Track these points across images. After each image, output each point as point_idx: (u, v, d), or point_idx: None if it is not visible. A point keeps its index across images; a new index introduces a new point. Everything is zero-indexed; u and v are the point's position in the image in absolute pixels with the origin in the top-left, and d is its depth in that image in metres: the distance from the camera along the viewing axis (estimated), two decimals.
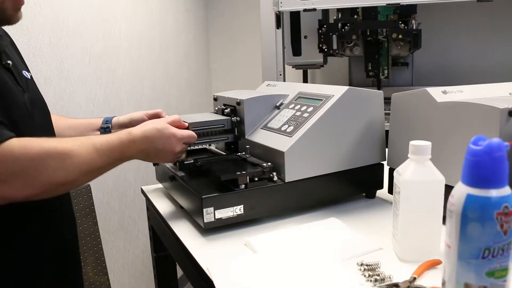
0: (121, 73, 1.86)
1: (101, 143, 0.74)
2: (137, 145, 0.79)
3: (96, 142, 0.73)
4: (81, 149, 0.71)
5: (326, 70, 2.39)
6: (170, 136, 0.83)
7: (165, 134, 0.82)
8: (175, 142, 0.84)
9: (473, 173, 0.48)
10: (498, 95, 0.88)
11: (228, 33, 2.78)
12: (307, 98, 0.99)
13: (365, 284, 0.64)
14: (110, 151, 0.75)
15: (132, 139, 0.78)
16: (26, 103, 0.78)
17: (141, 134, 0.80)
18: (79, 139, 0.73)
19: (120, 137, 0.77)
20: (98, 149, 0.73)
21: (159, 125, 0.83)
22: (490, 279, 0.48)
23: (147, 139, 0.80)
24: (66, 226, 0.89)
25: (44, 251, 0.80)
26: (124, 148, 0.77)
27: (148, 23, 2.09)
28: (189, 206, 0.90)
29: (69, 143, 0.70)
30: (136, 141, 0.79)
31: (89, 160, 0.71)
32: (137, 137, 0.79)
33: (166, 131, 0.83)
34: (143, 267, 2.02)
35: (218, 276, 0.68)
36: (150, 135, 0.81)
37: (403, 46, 1.82)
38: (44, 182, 0.67)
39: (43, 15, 1.42)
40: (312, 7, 1.72)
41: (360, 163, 0.96)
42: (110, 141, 0.75)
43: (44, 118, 0.87)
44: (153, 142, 0.81)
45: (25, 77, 0.84)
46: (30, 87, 0.83)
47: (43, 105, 0.87)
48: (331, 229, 0.83)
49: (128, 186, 1.91)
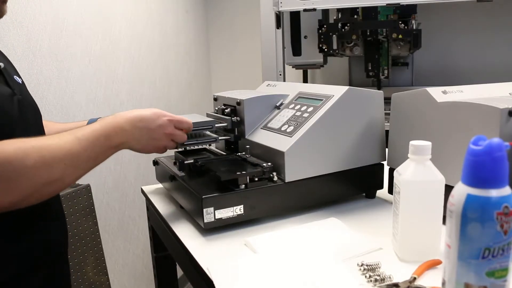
0: (121, 73, 1.86)
1: (83, 133, 0.70)
2: (124, 131, 0.75)
3: (77, 133, 0.70)
4: (61, 141, 0.67)
5: (326, 70, 2.40)
6: (155, 128, 0.80)
7: (160, 120, 0.80)
8: (161, 135, 0.81)
9: (473, 173, 0.48)
10: (498, 95, 0.88)
11: (228, 33, 2.78)
12: (307, 98, 0.99)
13: (365, 285, 0.63)
14: (95, 139, 0.71)
15: (119, 121, 0.75)
16: (16, 106, 0.75)
17: (126, 120, 0.76)
18: (58, 134, 0.69)
19: (105, 122, 0.73)
20: (80, 138, 0.69)
21: (155, 110, 0.81)
22: (490, 279, 0.48)
23: (133, 127, 0.77)
24: (53, 230, 0.85)
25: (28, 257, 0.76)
26: (110, 134, 0.73)
27: (148, 23, 2.09)
28: (189, 206, 0.90)
29: (48, 139, 0.67)
30: (123, 128, 0.75)
31: (71, 152, 0.67)
32: (122, 123, 0.75)
33: (155, 121, 0.80)
34: (143, 267, 2.02)
35: (218, 276, 0.68)
36: (137, 123, 0.77)
37: (403, 46, 1.82)
38: (27, 184, 0.62)
39: (43, 15, 1.42)
40: (312, 7, 1.72)
41: (360, 163, 0.96)
42: (93, 128, 0.72)
43: (36, 122, 0.85)
44: (140, 130, 0.78)
45: (17, 82, 0.82)
46: (22, 91, 0.81)
47: (34, 109, 0.85)
48: (331, 229, 0.83)
49: (128, 186, 1.91)
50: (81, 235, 1.41)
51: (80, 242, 1.41)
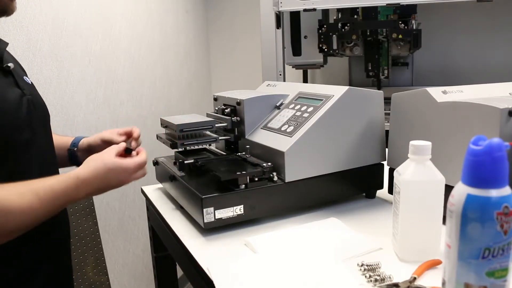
0: (121, 73, 1.86)
1: (45, 191, 0.71)
2: (88, 186, 0.76)
3: (39, 190, 0.70)
4: (21, 201, 0.68)
5: (326, 70, 2.39)
6: (121, 172, 0.80)
7: (116, 171, 0.79)
8: (128, 175, 0.82)
9: (473, 173, 0.48)
10: (498, 95, 0.88)
11: (228, 33, 2.78)
12: (307, 98, 0.98)
13: (365, 285, 0.63)
14: (55, 199, 0.72)
15: (80, 183, 0.75)
16: (24, 107, 0.78)
17: (90, 175, 0.76)
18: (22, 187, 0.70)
19: (67, 183, 0.74)
20: (40, 198, 0.70)
21: (108, 162, 0.79)
22: (490, 279, 0.48)
23: (97, 179, 0.77)
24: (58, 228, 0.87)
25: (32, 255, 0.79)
26: (71, 193, 0.74)
27: (148, 23, 2.09)
28: (189, 206, 0.90)
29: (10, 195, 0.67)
30: (87, 183, 0.76)
31: (29, 212, 0.69)
32: (86, 179, 0.76)
33: (117, 167, 0.79)
34: (143, 267, 2.02)
35: (218, 276, 0.68)
36: (101, 175, 0.78)
37: (403, 46, 1.82)
38: None
39: (43, 15, 1.42)
40: (312, 7, 1.72)
41: (360, 163, 0.96)
42: (54, 188, 0.72)
43: (44, 122, 0.87)
44: (105, 179, 0.78)
45: (27, 82, 0.84)
46: (32, 92, 0.83)
47: (43, 110, 0.87)
48: (331, 229, 0.83)
49: (128, 186, 1.89)
50: (81, 235, 1.41)
51: (80, 242, 1.41)
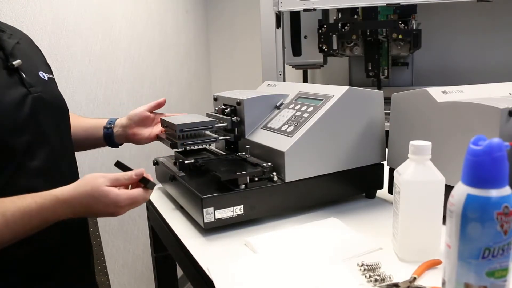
0: (121, 73, 1.86)
1: (13, 213, 0.67)
2: (70, 208, 0.71)
3: (7, 212, 0.66)
4: None
5: (326, 70, 2.39)
6: (109, 203, 0.72)
7: (103, 202, 0.71)
8: (119, 209, 0.74)
9: (473, 173, 0.48)
10: (498, 95, 0.88)
11: (228, 33, 2.78)
12: (307, 98, 0.98)
13: (365, 285, 0.63)
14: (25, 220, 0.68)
15: (60, 204, 0.70)
16: (28, 106, 0.76)
17: (72, 198, 0.70)
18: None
19: (42, 204, 0.69)
20: (7, 220, 0.66)
21: (96, 191, 0.71)
22: (490, 279, 0.48)
23: (81, 204, 0.71)
24: None
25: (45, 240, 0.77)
26: (46, 214, 0.70)
27: (148, 23, 2.08)
28: (189, 206, 0.90)
29: None
30: (69, 205, 0.70)
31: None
32: (68, 201, 0.70)
33: (104, 198, 0.71)
34: (143, 267, 2.02)
35: (218, 276, 0.68)
36: (85, 201, 0.71)
37: (403, 46, 1.82)
38: None
39: (43, 15, 1.42)
40: (312, 7, 1.72)
41: (360, 163, 0.96)
42: (27, 209, 0.68)
43: (57, 121, 0.85)
44: (90, 207, 0.72)
45: (42, 79, 0.83)
46: (47, 88, 0.82)
47: (58, 107, 0.85)
48: (331, 229, 0.83)
49: None
50: None
51: None
